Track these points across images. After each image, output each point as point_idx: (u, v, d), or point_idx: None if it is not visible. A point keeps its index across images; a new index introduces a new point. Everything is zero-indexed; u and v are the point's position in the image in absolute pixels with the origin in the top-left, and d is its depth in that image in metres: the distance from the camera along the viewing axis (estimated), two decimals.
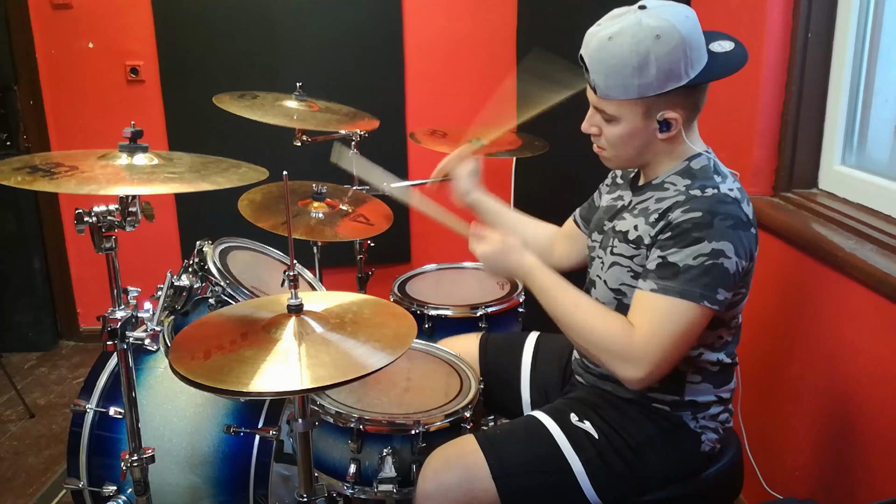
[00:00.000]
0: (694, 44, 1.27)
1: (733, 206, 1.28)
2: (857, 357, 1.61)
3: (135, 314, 1.24)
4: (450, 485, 1.38)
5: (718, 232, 1.25)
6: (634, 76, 1.27)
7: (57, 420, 2.67)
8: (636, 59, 1.25)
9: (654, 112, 1.31)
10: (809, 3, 1.88)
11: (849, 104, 1.87)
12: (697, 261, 1.24)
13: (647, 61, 1.25)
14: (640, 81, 1.27)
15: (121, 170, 1.23)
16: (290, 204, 2.00)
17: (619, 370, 1.30)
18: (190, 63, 3.00)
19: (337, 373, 1.08)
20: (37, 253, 3.19)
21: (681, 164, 1.37)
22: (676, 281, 1.25)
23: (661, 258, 1.28)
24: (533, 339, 1.74)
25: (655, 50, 1.24)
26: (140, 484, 1.32)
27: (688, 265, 1.25)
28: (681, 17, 1.27)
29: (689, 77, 1.27)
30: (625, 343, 1.28)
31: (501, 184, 3.13)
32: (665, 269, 1.27)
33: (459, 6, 3.08)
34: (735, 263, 1.26)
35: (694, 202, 1.28)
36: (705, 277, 1.24)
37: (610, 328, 1.31)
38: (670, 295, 1.25)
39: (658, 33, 1.24)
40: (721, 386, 1.42)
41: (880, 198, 1.72)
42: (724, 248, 1.25)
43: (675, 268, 1.26)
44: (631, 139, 1.34)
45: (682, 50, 1.25)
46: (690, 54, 1.26)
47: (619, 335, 1.29)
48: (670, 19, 1.25)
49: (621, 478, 1.38)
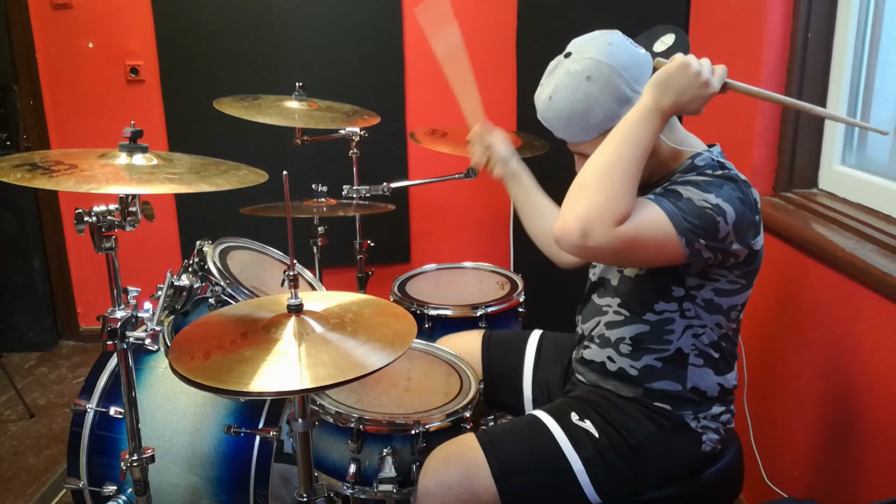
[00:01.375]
0: (626, 63, 1.31)
1: (743, 185, 1.31)
2: (857, 357, 1.61)
3: (135, 314, 1.24)
4: (450, 483, 1.38)
5: (727, 195, 1.27)
6: (587, 119, 1.32)
7: (57, 420, 2.67)
8: (580, 106, 1.31)
9: None
10: (809, 3, 1.88)
11: (849, 104, 1.87)
12: (699, 203, 1.25)
13: (590, 103, 1.31)
14: (594, 121, 1.33)
15: (120, 169, 1.23)
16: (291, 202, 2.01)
17: (572, 222, 1.20)
18: (190, 63, 3.00)
19: (337, 373, 1.08)
20: (37, 253, 3.19)
21: (684, 162, 1.38)
22: (672, 203, 1.25)
23: (668, 188, 1.30)
24: (536, 337, 1.75)
25: (591, 91, 1.30)
26: (140, 484, 1.32)
27: (689, 198, 1.26)
28: (603, 48, 1.31)
29: (639, 93, 1.30)
30: (602, 222, 1.20)
31: (501, 184, 3.14)
32: (669, 192, 1.29)
33: (459, 6, 3.05)
34: (729, 229, 1.26)
35: (707, 172, 1.31)
36: (695, 218, 1.24)
37: (615, 197, 1.21)
38: (661, 206, 1.24)
39: (588, 74, 1.30)
40: (722, 374, 1.42)
41: (880, 198, 1.72)
42: (726, 209, 1.25)
43: (678, 196, 1.27)
44: None
45: (616, 77, 1.30)
46: (627, 75, 1.31)
47: (610, 211, 1.20)
48: (594, 56, 1.30)
49: (621, 477, 1.39)
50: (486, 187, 3.15)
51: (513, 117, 3.06)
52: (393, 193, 2.28)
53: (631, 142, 1.25)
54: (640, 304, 1.41)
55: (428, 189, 3.20)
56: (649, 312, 1.40)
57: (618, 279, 1.45)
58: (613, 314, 1.46)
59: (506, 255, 3.22)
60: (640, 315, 1.41)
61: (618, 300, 1.45)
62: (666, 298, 1.38)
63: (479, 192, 3.22)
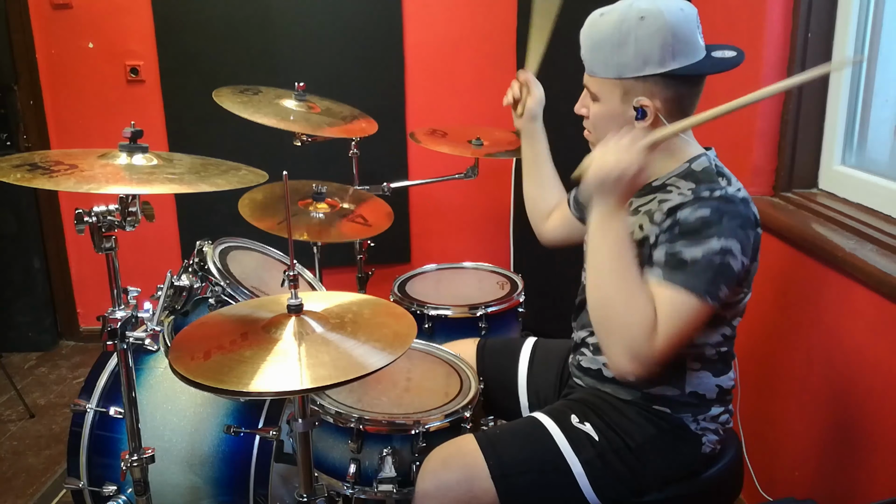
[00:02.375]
0: (680, 35, 1.29)
1: (741, 205, 1.28)
2: (856, 357, 1.61)
3: (135, 314, 1.24)
4: (449, 484, 1.38)
5: (727, 230, 1.25)
6: (613, 53, 1.31)
7: (57, 420, 2.67)
8: (616, 37, 1.30)
9: (631, 97, 1.33)
10: (809, 3, 1.88)
11: (849, 104, 1.87)
12: (705, 257, 1.24)
13: (626, 40, 1.29)
14: (617, 60, 1.31)
15: (120, 169, 1.23)
16: (290, 204, 2.00)
17: (612, 351, 1.26)
18: (190, 63, 3.01)
19: (337, 373, 1.08)
20: (37, 253, 3.19)
21: (681, 166, 1.36)
22: (682, 273, 1.24)
23: (669, 253, 1.27)
24: (530, 345, 1.74)
25: (636, 31, 1.28)
26: (140, 484, 1.32)
27: (695, 259, 1.24)
28: (673, 8, 1.29)
29: (670, 66, 1.29)
30: (635, 327, 1.23)
31: (501, 184, 3.14)
32: (672, 261, 1.26)
33: (459, 6, 3.08)
34: (741, 263, 1.26)
35: (702, 202, 1.27)
36: (710, 273, 1.23)
37: (632, 304, 1.24)
38: (675, 284, 1.24)
39: (643, 15, 1.28)
40: (720, 375, 1.41)
41: (880, 198, 1.72)
42: (731, 246, 1.24)
43: (683, 262, 1.25)
44: (610, 121, 1.36)
45: (663, 36, 1.28)
46: (674, 43, 1.28)
47: (636, 315, 1.23)
48: (660, 6, 1.28)
49: (621, 479, 1.38)
50: (486, 187, 3.16)
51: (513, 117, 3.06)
52: (393, 193, 2.28)
53: (610, 251, 1.26)
54: None
55: (428, 189, 3.20)
56: None
57: None
58: None
59: (506, 255, 3.22)
60: None
61: None
62: None
63: (479, 192, 3.22)
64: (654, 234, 1.32)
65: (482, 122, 3.06)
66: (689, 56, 1.30)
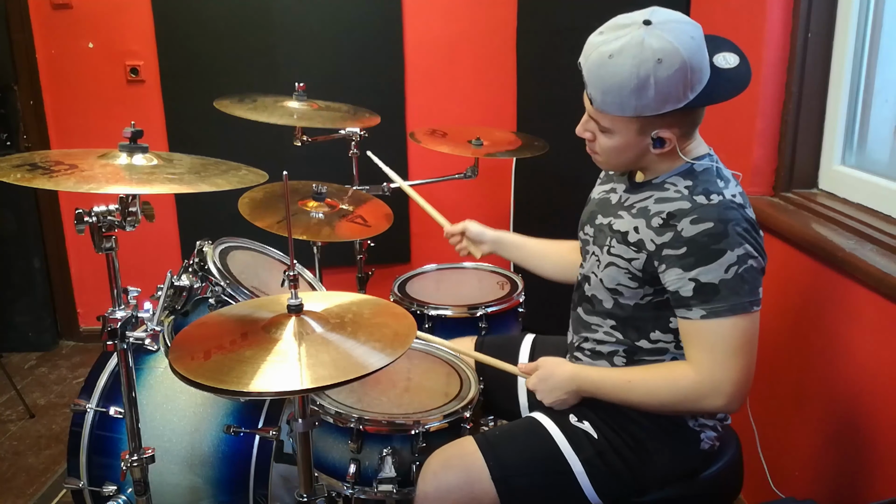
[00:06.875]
0: (696, 65, 1.24)
1: (739, 211, 1.28)
2: (857, 357, 1.61)
3: (135, 314, 1.25)
4: (450, 486, 1.38)
5: (735, 239, 1.25)
6: (632, 97, 1.24)
7: (57, 420, 2.67)
8: (635, 82, 1.22)
9: (649, 130, 1.30)
10: (809, 3, 1.88)
11: (849, 104, 1.87)
12: (730, 272, 1.24)
13: (646, 84, 1.22)
14: (637, 103, 1.25)
15: (120, 169, 1.23)
16: (290, 203, 2.00)
17: (706, 408, 1.32)
18: (190, 63, 3.00)
19: (337, 373, 1.08)
20: (37, 253, 3.18)
21: (684, 164, 1.35)
22: (721, 300, 1.25)
23: (693, 281, 1.26)
24: (529, 342, 1.74)
25: (656, 74, 1.21)
26: (140, 484, 1.32)
27: (724, 280, 1.24)
28: (685, 39, 1.23)
29: (689, 99, 1.25)
30: (693, 385, 1.30)
31: (501, 184, 3.14)
32: (704, 291, 1.26)
33: (459, 6, 3.08)
34: (759, 261, 1.28)
35: (701, 211, 1.26)
36: (742, 284, 1.24)
37: (671, 382, 1.33)
38: (723, 316, 1.25)
39: (660, 57, 1.21)
40: None
41: (880, 198, 1.72)
42: (746, 250, 1.25)
43: (714, 287, 1.25)
44: (623, 151, 1.34)
45: (683, 74, 1.22)
46: (692, 77, 1.24)
47: (682, 382, 1.31)
48: (674, 42, 1.22)
49: (621, 477, 1.39)
50: (486, 187, 3.15)
51: (513, 117, 3.06)
52: (393, 193, 2.28)
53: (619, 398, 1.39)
54: (636, 331, 1.40)
55: (428, 189, 3.18)
56: (644, 339, 1.40)
57: (612, 303, 1.41)
58: (604, 334, 1.44)
59: None
60: (633, 341, 1.41)
61: (611, 322, 1.42)
62: (663, 329, 1.38)
63: (479, 192, 3.21)
64: (653, 242, 1.31)
65: (482, 122, 3.07)
66: (702, 82, 1.27)
